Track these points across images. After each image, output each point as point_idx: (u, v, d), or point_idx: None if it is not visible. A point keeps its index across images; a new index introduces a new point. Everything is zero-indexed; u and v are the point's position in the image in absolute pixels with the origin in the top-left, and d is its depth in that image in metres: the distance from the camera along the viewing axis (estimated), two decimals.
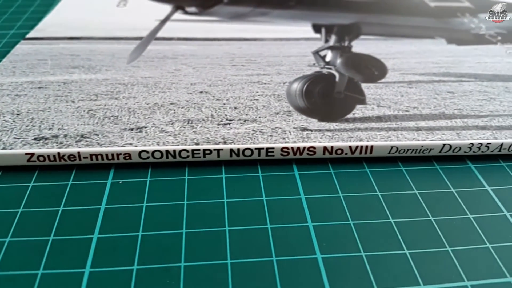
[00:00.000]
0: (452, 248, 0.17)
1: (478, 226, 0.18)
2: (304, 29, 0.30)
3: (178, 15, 0.32)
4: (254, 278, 0.16)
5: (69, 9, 0.32)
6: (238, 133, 0.20)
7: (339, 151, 0.20)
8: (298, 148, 0.20)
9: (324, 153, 0.20)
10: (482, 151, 0.21)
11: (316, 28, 0.30)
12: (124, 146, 0.19)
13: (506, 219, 0.18)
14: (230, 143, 0.20)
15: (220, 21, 0.31)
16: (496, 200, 0.19)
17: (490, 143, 0.21)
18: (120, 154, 0.20)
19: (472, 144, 0.20)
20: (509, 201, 0.19)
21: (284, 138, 0.20)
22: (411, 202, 0.19)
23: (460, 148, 0.21)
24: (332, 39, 0.29)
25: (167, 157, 0.20)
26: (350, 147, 0.20)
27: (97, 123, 0.21)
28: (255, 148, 0.20)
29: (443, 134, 0.21)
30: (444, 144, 0.20)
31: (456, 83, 0.25)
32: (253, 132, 0.21)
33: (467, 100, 0.23)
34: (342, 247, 0.17)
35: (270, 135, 0.20)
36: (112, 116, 0.21)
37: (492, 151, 0.21)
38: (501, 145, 0.21)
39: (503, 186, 0.20)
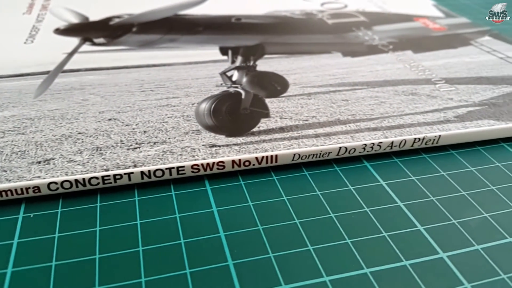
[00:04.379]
0: (352, 240, 0.18)
1: (375, 218, 0.20)
2: (212, 52, 0.32)
3: (86, 46, 0.32)
4: None
5: None
6: (148, 155, 0.21)
7: (247, 163, 0.22)
8: (208, 164, 0.21)
9: (233, 166, 0.21)
10: (375, 150, 0.23)
11: (223, 51, 0.32)
12: (33, 180, 0.20)
13: (400, 209, 0.20)
14: (141, 166, 0.20)
15: (129, 50, 0.32)
16: (390, 193, 0.21)
17: (381, 142, 0.23)
18: (29, 188, 0.20)
19: (365, 144, 0.22)
20: (402, 192, 0.21)
21: (194, 156, 0.21)
22: (314, 202, 0.20)
23: (355, 149, 0.22)
24: (238, 60, 0.31)
25: (77, 186, 0.20)
26: (256, 158, 0.21)
27: (4, 159, 0.21)
28: (166, 168, 0.21)
29: (339, 138, 0.23)
30: (340, 147, 0.22)
31: (350, 91, 0.27)
32: (163, 153, 0.21)
33: (359, 106, 0.25)
34: (252, 251, 0.18)
35: (180, 154, 0.21)
36: (19, 151, 0.21)
37: (384, 149, 0.23)
38: (392, 143, 0.23)
39: (396, 179, 0.22)
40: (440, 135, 0.23)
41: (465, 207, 0.21)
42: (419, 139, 0.23)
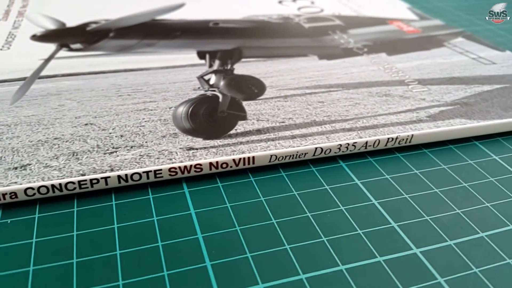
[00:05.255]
0: (327, 238, 0.19)
1: (350, 216, 0.20)
2: (189, 56, 0.32)
3: (63, 52, 0.32)
4: None
5: None
6: (125, 159, 0.21)
7: (224, 165, 0.22)
8: (185, 166, 0.21)
9: (210, 169, 0.22)
10: (350, 150, 0.23)
11: (201, 55, 0.32)
12: (9, 186, 0.19)
13: (374, 207, 0.21)
14: (117, 170, 0.21)
15: (106, 55, 0.32)
16: (365, 191, 0.21)
17: (356, 142, 0.23)
18: (6, 193, 0.19)
19: (341, 145, 0.23)
20: (376, 190, 0.22)
21: (171, 159, 0.21)
22: (291, 202, 0.21)
23: (330, 150, 0.23)
24: (216, 64, 0.31)
25: (53, 192, 0.20)
26: (234, 160, 0.22)
27: None
28: (143, 172, 0.21)
29: (315, 139, 0.23)
30: (316, 148, 0.23)
31: (325, 93, 0.27)
32: (140, 156, 0.21)
33: (335, 107, 0.26)
34: (229, 252, 0.18)
35: (157, 158, 0.21)
36: None
37: (359, 149, 0.23)
38: (366, 142, 0.23)
39: (371, 178, 0.22)
40: (412, 135, 0.24)
41: (438, 204, 0.21)
42: (393, 138, 0.24)
